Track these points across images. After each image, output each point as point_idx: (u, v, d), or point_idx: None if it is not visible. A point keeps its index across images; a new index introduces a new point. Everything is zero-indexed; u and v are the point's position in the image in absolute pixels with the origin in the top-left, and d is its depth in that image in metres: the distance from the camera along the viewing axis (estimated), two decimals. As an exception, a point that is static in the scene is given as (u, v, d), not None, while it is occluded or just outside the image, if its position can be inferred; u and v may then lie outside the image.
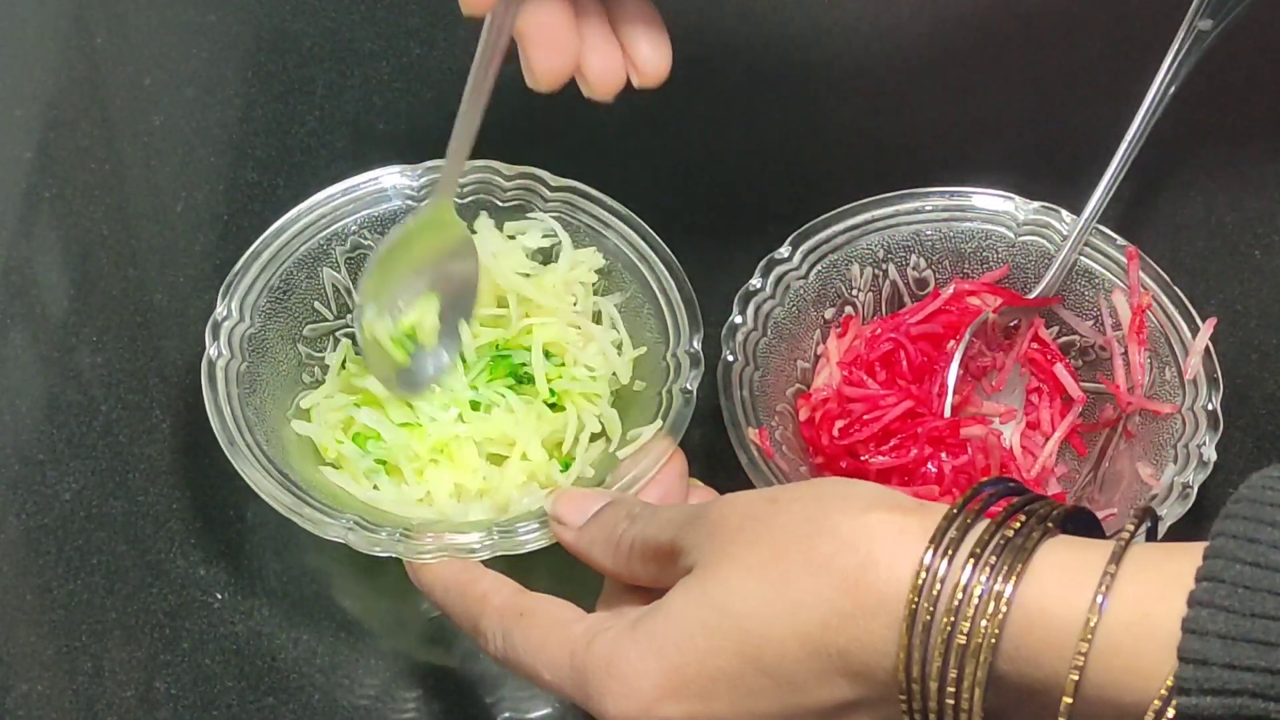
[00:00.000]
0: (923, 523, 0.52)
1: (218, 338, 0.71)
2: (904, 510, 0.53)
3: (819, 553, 0.53)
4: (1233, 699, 0.46)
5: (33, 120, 0.86)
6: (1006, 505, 0.53)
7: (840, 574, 0.52)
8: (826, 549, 0.53)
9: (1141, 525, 0.52)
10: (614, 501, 0.63)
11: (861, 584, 0.52)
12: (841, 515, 0.53)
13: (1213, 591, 0.47)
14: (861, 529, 0.53)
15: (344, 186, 0.76)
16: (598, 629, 0.57)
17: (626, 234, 0.75)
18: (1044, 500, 0.54)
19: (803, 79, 0.89)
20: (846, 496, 0.55)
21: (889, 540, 0.52)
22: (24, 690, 0.69)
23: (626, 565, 0.61)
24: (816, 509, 0.54)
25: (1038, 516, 0.52)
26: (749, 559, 0.54)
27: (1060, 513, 0.53)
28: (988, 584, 0.50)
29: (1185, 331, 0.72)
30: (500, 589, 0.62)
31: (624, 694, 0.55)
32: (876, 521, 0.53)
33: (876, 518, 0.53)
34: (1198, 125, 0.85)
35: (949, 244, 0.76)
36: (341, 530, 0.66)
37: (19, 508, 0.73)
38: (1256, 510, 0.48)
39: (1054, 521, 0.52)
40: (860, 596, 0.51)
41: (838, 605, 0.52)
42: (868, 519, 0.53)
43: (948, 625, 0.50)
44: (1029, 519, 0.52)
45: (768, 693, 0.53)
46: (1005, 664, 0.50)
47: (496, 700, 0.70)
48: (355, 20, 0.91)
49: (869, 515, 0.53)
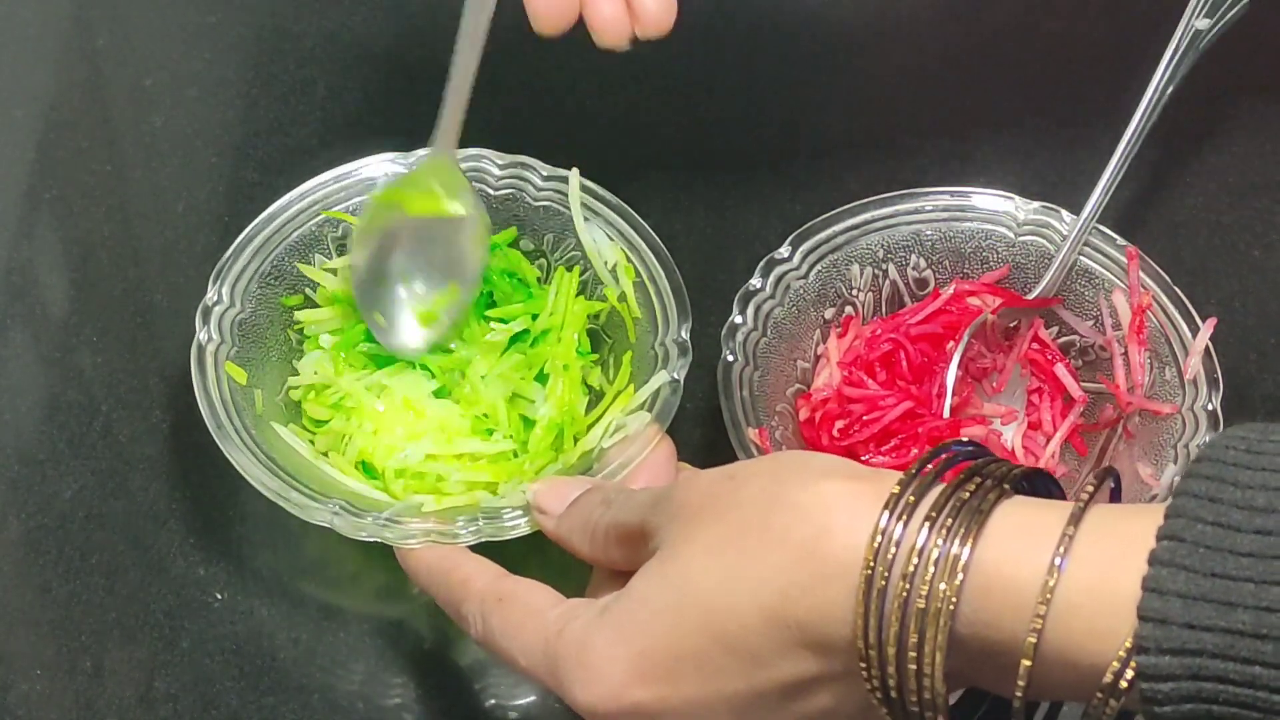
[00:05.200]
0: (877, 488, 0.52)
1: (208, 322, 0.71)
2: (859, 478, 0.53)
3: (775, 525, 0.52)
4: (1192, 659, 0.45)
5: (34, 121, 0.86)
6: (965, 469, 0.52)
7: (797, 545, 0.52)
8: (783, 521, 0.52)
9: (1101, 485, 0.52)
10: (591, 488, 0.64)
11: (817, 553, 0.51)
12: (797, 486, 0.53)
13: (1174, 551, 0.46)
14: (816, 498, 0.52)
15: (335, 174, 0.76)
16: (570, 616, 0.57)
17: (616, 222, 0.75)
18: (1001, 461, 0.53)
19: (803, 78, 0.89)
20: (802, 468, 0.54)
21: (843, 508, 0.51)
22: (24, 690, 0.69)
23: (604, 550, 0.61)
24: (772, 482, 0.54)
25: (994, 478, 0.51)
26: (709, 538, 0.54)
27: (1018, 473, 0.52)
28: (944, 547, 0.49)
29: (1185, 331, 0.72)
30: (482, 573, 0.62)
31: (593, 680, 0.55)
32: (831, 490, 0.52)
33: (831, 486, 0.52)
34: (1197, 125, 0.85)
35: (949, 244, 0.76)
36: (328, 515, 0.66)
37: (19, 508, 0.74)
38: (1219, 470, 0.47)
39: (1010, 483, 0.52)
40: (817, 566, 0.51)
41: (795, 577, 0.51)
42: (822, 487, 0.52)
43: (904, 590, 0.49)
44: (985, 480, 0.51)
45: (733, 671, 0.53)
46: (964, 627, 0.49)
47: (498, 700, 0.70)
48: (356, 21, 0.91)
49: (823, 484, 0.52)
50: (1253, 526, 0.46)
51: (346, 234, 0.75)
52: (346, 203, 0.76)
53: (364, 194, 0.76)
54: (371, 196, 0.74)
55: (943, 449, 0.53)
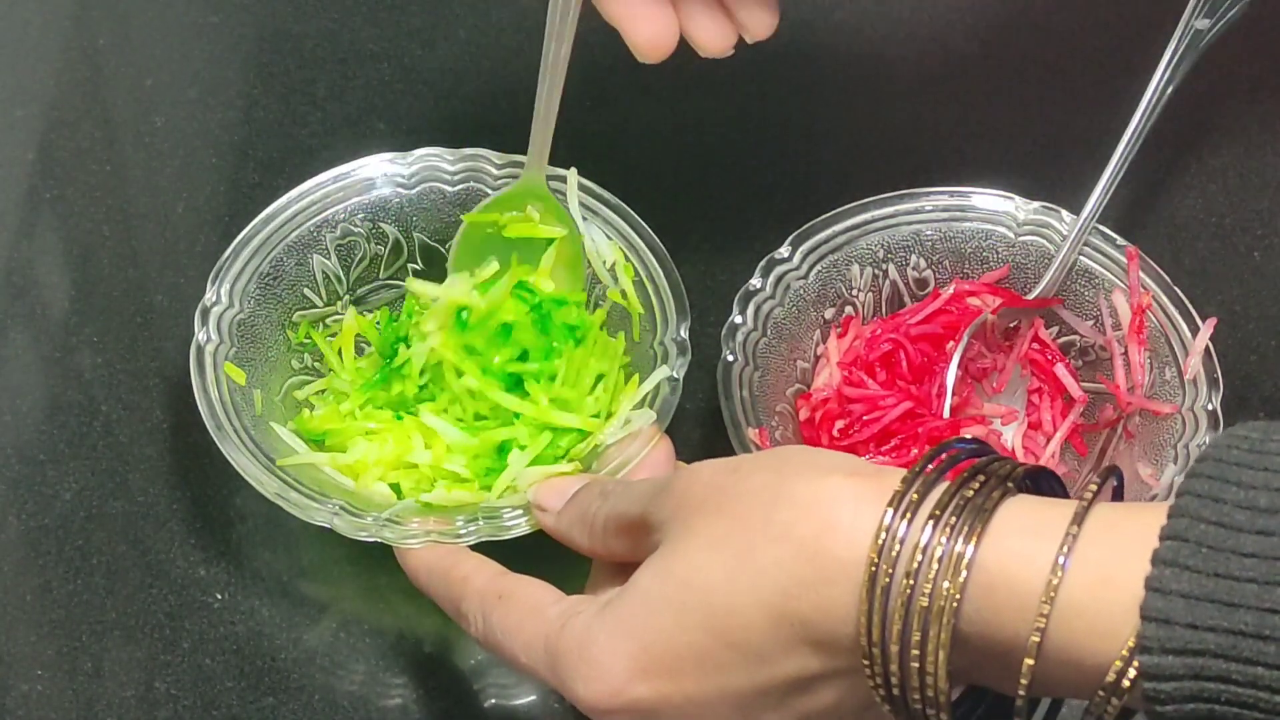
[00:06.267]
0: (881, 486, 0.52)
1: (207, 323, 0.71)
2: (863, 475, 0.52)
3: (778, 521, 0.52)
4: (1195, 659, 0.46)
5: (34, 121, 0.86)
6: (969, 466, 0.52)
7: (799, 541, 0.52)
8: (785, 517, 0.52)
9: (1105, 484, 0.51)
10: (590, 483, 0.64)
11: (820, 550, 0.51)
12: (800, 481, 0.53)
13: (1177, 550, 0.46)
14: (819, 494, 0.52)
15: (334, 174, 0.76)
16: (571, 612, 0.57)
17: (615, 221, 0.75)
18: (1005, 460, 0.53)
19: (803, 78, 0.89)
20: (806, 463, 0.54)
21: (847, 504, 0.51)
22: (24, 690, 0.69)
23: (603, 543, 0.61)
24: (775, 477, 0.54)
25: (998, 476, 0.51)
26: (711, 531, 0.54)
27: (1021, 471, 0.52)
28: (948, 545, 0.49)
29: (1185, 331, 0.72)
30: (482, 571, 0.62)
31: (595, 677, 0.55)
32: (834, 486, 0.52)
33: (835, 482, 0.52)
34: (1197, 125, 0.85)
35: (949, 244, 0.76)
36: (327, 515, 0.66)
37: (19, 508, 0.74)
38: (1221, 470, 0.47)
39: (1014, 481, 0.52)
40: (820, 563, 0.51)
41: (798, 573, 0.51)
42: (825, 484, 0.52)
43: (907, 587, 0.49)
44: (989, 479, 0.51)
45: (735, 667, 0.53)
46: (967, 626, 0.49)
47: (498, 700, 0.70)
48: (357, 22, 0.91)
49: (827, 480, 0.52)
50: (1255, 527, 0.46)
51: (345, 234, 0.75)
52: (346, 202, 0.76)
53: (364, 194, 0.76)
54: (465, 218, 0.74)
55: (946, 447, 0.53)
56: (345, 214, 0.76)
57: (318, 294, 0.75)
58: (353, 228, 0.76)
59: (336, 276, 0.76)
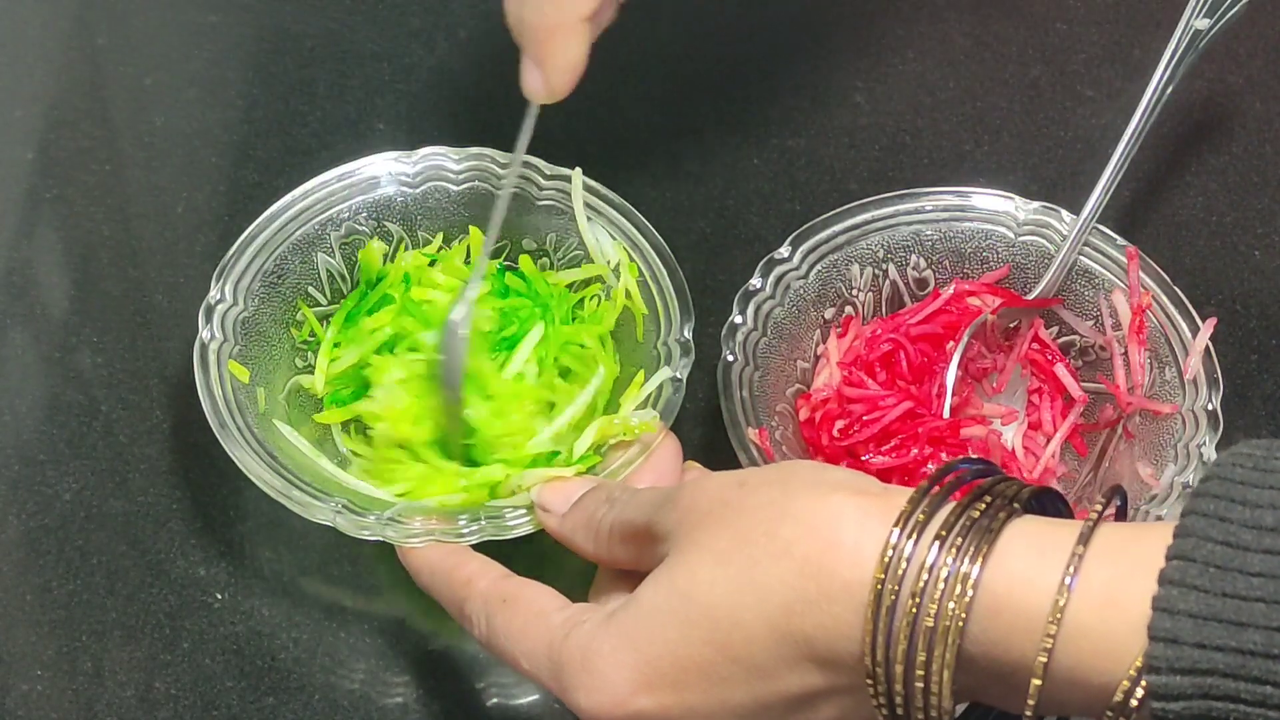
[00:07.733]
0: (887, 505, 0.52)
1: (210, 320, 0.71)
2: (869, 494, 0.53)
3: (782, 538, 0.52)
4: (1202, 678, 0.46)
5: (34, 121, 0.86)
6: (974, 487, 0.52)
7: (803, 559, 0.52)
8: (790, 533, 0.52)
9: (1109, 504, 0.52)
10: (595, 487, 0.64)
11: (824, 569, 0.51)
12: (806, 499, 0.53)
13: (1184, 570, 0.46)
14: (824, 512, 0.52)
15: (338, 173, 0.76)
16: (575, 621, 0.57)
17: (619, 221, 0.75)
18: (1011, 480, 0.53)
19: (803, 78, 0.89)
20: (812, 480, 0.54)
21: (852, 523, 0.52)
22: (24, 690, 0.69)
23: (607, 549, 0.61)
24: (782, 493, 0.54)
25: (1004, 497, 0.51)
26: (716, 545, 0.54)
27: (1027, 492, 0.52)
28: (954, 565, 0.49)
29: (1185, 331, 0.72)
30: (486, 573, 0.62)
31: (597, 687, 0.55)
32: (840, 504, 0.52)
33: (839, 500, 0.52)
34: (1197, 125, 0.85)
35: (949, 244, 0.76)
36: (330, 514, 0.66)
37: (19, 508, 0.74)
38: (1227, 489, 0.48)
39: (1020, 502, 0.52)
40: (823, 581, 0.51)
41: (801, 591, 0.51)
42: (831, 502, 0.52)
43: (913, 607, 0.50)
44: (995, 500, 0.51)
45: (738, 681, 0.53)
46: (973, 646, 0.50)
47: (499, 700, 0.70)
48: (356, 21, 0.91)
49: (832, 498, 0.52)
50: (1262, 546, 0.46)
51: (349, 233, 0.75)
52: (351, 201, 0.76)
53: (369, 192, 0.76)
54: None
55: (952, 467, 0.53)
56: (350, 212, 0.76)
57: (322, 292, 0.75)
58: (357, 226, 0.76)
59: (341, 275, 0.76)
